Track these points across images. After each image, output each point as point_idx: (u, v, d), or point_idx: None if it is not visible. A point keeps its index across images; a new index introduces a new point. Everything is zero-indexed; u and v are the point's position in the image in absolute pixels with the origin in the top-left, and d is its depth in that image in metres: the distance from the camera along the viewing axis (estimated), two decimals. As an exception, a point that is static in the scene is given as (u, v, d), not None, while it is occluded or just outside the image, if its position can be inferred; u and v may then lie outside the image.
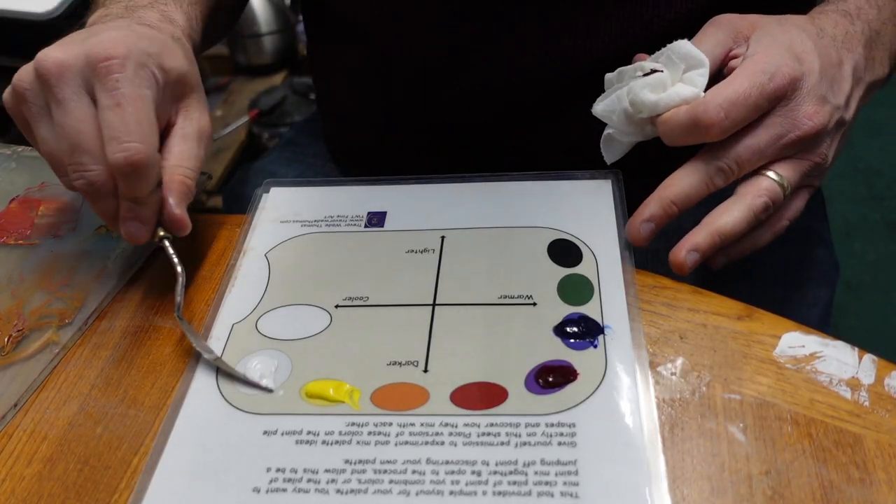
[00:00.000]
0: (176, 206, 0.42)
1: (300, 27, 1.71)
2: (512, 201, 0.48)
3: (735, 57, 0.43)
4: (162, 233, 0.44)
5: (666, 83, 0.43)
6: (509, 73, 0.55)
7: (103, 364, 0.43)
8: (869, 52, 0.45)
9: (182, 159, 0.43)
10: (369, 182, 0.51)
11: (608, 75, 0.47)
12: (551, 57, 0.52)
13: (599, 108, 0.46)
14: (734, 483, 0.35)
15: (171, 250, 0.44)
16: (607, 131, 0.46)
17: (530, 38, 0.53)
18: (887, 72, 0.47)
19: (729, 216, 0.41)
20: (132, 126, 0.39)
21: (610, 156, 0.47)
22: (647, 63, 0.44)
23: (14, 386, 0.42)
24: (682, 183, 0.42)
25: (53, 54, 0.40)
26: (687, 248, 0.41)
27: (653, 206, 0.42)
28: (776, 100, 0.41)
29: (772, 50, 0.41)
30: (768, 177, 0.42)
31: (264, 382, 0.39)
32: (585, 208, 0.47)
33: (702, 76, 0.42)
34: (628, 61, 0.47)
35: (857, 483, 0.34)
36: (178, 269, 0.44)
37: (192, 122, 0.44)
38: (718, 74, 0.44)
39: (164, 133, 0.43)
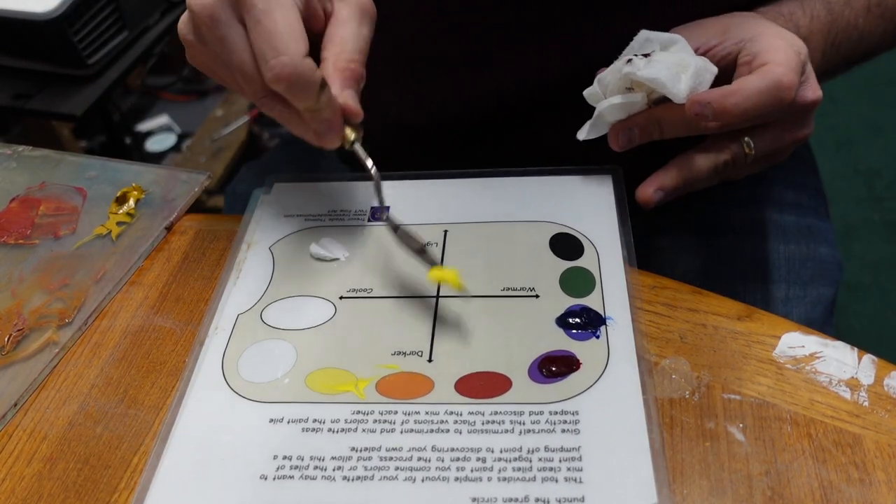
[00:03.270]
0: (340, 94, 0.40)
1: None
2: (513, 197, 0.48)
3: (711, 48, 0.45)
4: (351, 136, 0.42)
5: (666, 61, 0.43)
6: (518, 69, 0.55)
7: (103, 364, 0.43)
8: None
9: (343, 45, 0.41)
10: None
11: (588, 94, 0.47)
12: (560, 55, 0.53)
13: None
14: (734, 483, 0.35)
15: (361, 153, 0.43)
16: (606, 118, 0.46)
17: (541, 35, 0.53)
18: None
19: (697, 165, 0.45)
20: (273, 41, 0.37)
21: (595, 133, 0.47)
22: (637, 60, 0.44)
23: (14, 385, 0.42)
24: (701, 163, 0.45)
25: None
26: (654, 188, 0.45)
27: (670, 179, 0.45)
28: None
29: (775, 28, 0.44)
30: (743, 142, 0.45)
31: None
32: (586, 203, 0.47)
33: (684, 49, 0.43)
34: None
35: (856, 483, 0.34)
36: (372, 169, 0.43)
37: (348, 4, 0.42)
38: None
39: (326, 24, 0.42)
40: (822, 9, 0.49)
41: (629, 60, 0.44)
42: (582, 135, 0.47)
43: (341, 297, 0.44)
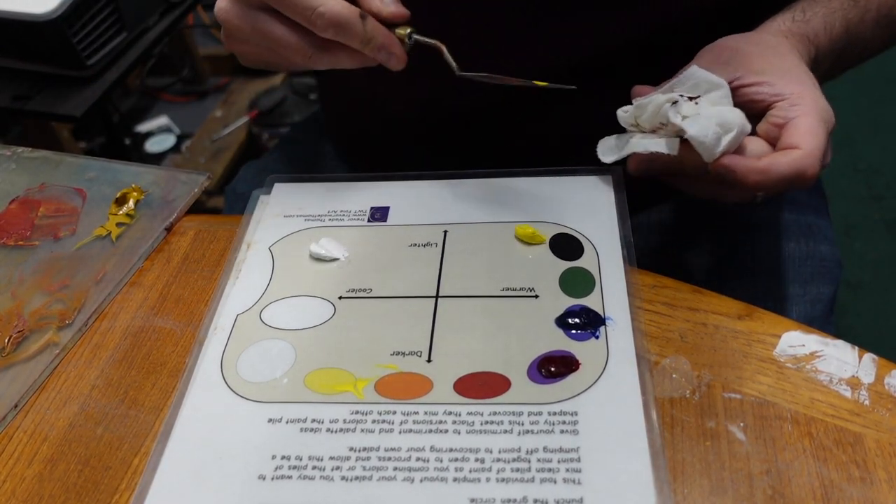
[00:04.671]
0: (382, 8, 0.44)
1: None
2: (513, 197, 0.48)
3: (746, 85, 0.45)
4: (406, 31, 0.45)
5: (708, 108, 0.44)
6: (522, 60, 0.55)
7: (103, 365, 0.43)
8: None
9: None
10: (372, 178, 0.52)
11: (621, 114, 0.46)
12: (565, 46, 0.53)
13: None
14: (734, 482, 0.35)
15: (422, 38, 0.45)
16: (637, 145, 0.45)
17: (545, 25, 0.53)
18: None
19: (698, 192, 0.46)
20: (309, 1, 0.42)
21: (613, 157, 0.47)
22: (676, 94, 0.44)
23: (14, 387, 0.42)
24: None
25: None
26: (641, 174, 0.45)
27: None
28: None
29: (814, 92, 0.44)
30: (756, 196, 0.44)
31: None
32: (586, 203, 0.47)
33: (726, 97, 0.43)
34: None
35: (857, 482, 0.34)
36: (437, 42, 0.46)
37: None
38: None
39: None
40: (841, 28, 0.49)
41: (675, 102, 0.43)
42: (606, 158, 0.47)
43: (340, 297, 0.44)
